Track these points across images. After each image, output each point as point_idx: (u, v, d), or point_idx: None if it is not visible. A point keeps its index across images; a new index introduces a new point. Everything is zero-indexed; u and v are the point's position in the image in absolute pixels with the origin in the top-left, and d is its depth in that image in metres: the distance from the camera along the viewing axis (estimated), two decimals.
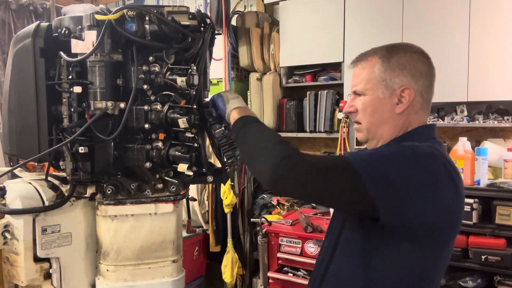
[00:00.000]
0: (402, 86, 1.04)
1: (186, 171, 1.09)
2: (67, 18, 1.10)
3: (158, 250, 1.18)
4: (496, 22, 2.72)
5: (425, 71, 1.06)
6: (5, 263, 1.16)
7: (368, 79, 1.06)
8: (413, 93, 1.04)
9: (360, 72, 1.09)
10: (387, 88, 1.05)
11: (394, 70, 1.04)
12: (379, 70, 1.05)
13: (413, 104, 1.04)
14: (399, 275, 0.97)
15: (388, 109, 1.05)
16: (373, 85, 1.06)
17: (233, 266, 3.15)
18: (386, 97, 1.05)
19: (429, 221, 0.93)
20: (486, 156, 2.63)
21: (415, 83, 1.04)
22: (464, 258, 2.58)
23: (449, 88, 2.87)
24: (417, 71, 1.05)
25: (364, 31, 3.16)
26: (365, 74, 1.07)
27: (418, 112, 1.06)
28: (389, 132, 1.06)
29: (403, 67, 1.04)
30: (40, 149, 1.11)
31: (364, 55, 1.10)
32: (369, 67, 1.07)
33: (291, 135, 3.57)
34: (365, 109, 1.07)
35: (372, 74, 1.06)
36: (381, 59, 1.06)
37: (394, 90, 1.04)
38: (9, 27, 4.21)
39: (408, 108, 1.04)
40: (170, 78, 1.09)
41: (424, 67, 1.06)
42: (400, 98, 1.04)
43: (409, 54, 1.06)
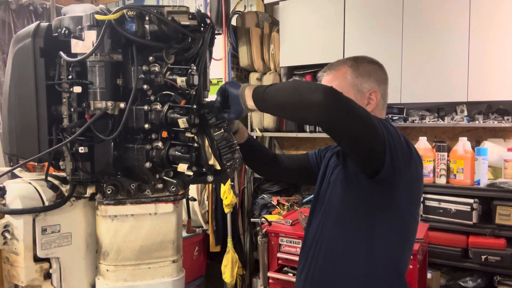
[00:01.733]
0: (370, 90, 1.27)
1: (186, 171, 1.09)
2: (67, 18, 1.10)
3: (158, 250, 1.18)
4: (496, 22, 2.72)
5: (384, 79, 1.31)
6: (5, 263, 1.16)
7: (342, 85, 1.25)
8: (379, 95, 1.28)
9: (333, 79, 1.28)
10: (358, 92, 1.26)
11: (363, 76, 1.26)
12: (350, 77, 1.26)
13: (378, 104, 1.28)
14: (396, 235, 1.21)
15: None
16: (347, 90, 1.24)
17: (233, 266, 3.15)
18: (358, 100, 1.23)
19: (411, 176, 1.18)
20: (486, 156, 2.63)
21: (379, 87, 1.28)
22: (464, 258, 2.59)
23: (449, 88, 2.87)
24: (379, 78, 1.29)
25: (364, 31, 3.17)
26: (338, 81, 1.27)
27: (381, 111, 1.31)
28: None
29: (369, 74, 1.27)
30: (40, 149, 1.11)
31: (334, 65, 1.31)
32: (342, 75, 1.28)
33: (291, 135, 3.57)
34: None
35: (345, 80, 1.27)
36: (351, 68, 1.27)
37: (364, 93, 1.27)
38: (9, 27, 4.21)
39: (375, 108, 1.27)
40: (170, 78, 1.09)
41: (383, 75, 1.31)
42: (368, 100, 1.27)
43: (371, 64, 1.30)
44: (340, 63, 1.30)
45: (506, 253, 2.44)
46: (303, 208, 3.16)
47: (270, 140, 4.00)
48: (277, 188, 3.67)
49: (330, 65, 1.32)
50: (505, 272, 2.48)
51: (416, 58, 2.96)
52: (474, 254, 2.52)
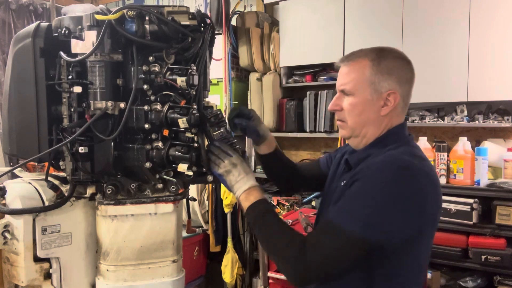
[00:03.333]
0: (388, 90, 1.10)
1: (186, 171, 1.09)
2: (67, 18, 1.10)
3: (158, 250, 1.18)
4: (496, 22, 2.72)
5: (409, 78, 1.14)
6: (5, 263, 1.16)
7: (358, 80, 1.11)
8: (398, 97, 1.11)
9: (349, 72, 1.13)
10: (375, 91, 1.10)
11: (383, 74, 1.10)
12: (369, 73, 1.10)
13: (396, 107, 1.12)
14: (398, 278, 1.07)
15: (374, 111, 1.11)
16: (362, 87, 1.11)
17: (233, 266, 3.15)
18: (374, 100, 1.11)
19: (420, 231, 1.04)
20: (486, 156, 2.63)
21: (400, 88, 1.11)
22: (464, 258, 2.59)
23: (449, 88, 2.87)
24: (402, 77, 1.12)
25: (364, 31, 3.16)
26: (355, 75, 1.12)
27: (399, 114, 1.15)
28: (373, 132, 1.13)
29: (391, 72, 1.11)
30: (40, 149, 1.11)
31: (354, 56, 1.14)
32: (360, 69, 1.12)
33: (291, 135, 3.57)
34: (352, 110, 1.12)
35: (362, 76, 1.11)
36: (371, 62, 1.11)
37: (381, 93, 1.10)
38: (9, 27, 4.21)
39: (392, 111, 1.12)
40: (170, 78, 1.09)
41: (408, 73, 1.14)
42: (385, 101, 1.11)
43: (396, 60, 1.13)
44: (361, 55, 1.14)
45: (506, 253, 2.44)
46: (303, 208, 3.16)
47: None
48: (277, 188, 3.66)
49: (351, 55, 1.16)
50: (505, 272, 2.48)
51: (416, 58, 2.91)
52: (474, 254, 2.52)
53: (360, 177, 1.02)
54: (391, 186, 0.98)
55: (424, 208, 1.00)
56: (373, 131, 1.13)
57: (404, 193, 0.98)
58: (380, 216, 0.97)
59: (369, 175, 1.01)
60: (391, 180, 0.98)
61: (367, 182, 1.00)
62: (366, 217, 0.97)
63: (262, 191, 1.16)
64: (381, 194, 0.98)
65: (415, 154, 1.07)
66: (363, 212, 0.98)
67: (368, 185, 1.00)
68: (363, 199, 0.99)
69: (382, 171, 1.00)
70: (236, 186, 1.13)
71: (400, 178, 0.99)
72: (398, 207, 0.97)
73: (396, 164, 1.01)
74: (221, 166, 1.13)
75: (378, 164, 1.02)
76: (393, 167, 1.00)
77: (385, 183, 0.98)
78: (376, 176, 1.00)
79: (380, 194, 0.98)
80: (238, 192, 1.13)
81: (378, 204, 0.97)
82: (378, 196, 0.98)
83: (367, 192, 0.99)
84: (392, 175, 0.99)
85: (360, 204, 0.99)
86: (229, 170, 1.13)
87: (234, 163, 1.14)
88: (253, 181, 1.15)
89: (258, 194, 1.13)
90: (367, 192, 0.99)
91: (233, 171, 1.13)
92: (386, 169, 1.00)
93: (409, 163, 1.02)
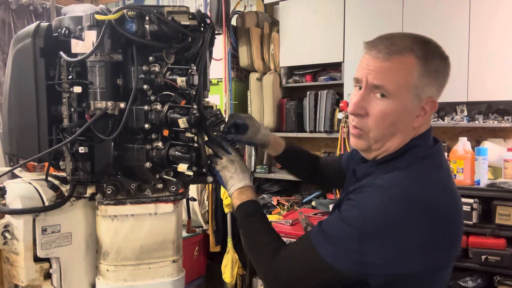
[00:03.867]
0: (429, 98, 0.89)
1: (186, 171, 1.09)
2: (67, 18, 1.10)
3: (158, 250, 1.18)
4: (496, 22, 2.72)
5: (446, 81, 0.93)
6: (5, 263, 1.16)
7: (401, 82, 0.87)
8: (436, 106, 0.92)
9: (389, 68, 0.88)
10: (416, 98, 0.88)
11: (430, 77, 0.88)
12: (417, 74, 0.87)
13: (429, 117, 0.93)
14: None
15: (408, 122, 0.91)
16: (404, 91, 0.88)
17: (233, 266, 3.15)
18: (413, 108, 0.89)
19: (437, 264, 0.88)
20: (486, 156, 2.63)
21: (438, 94, 0.91)
22: (464, 258, 2.58)
23: (449, 88, 2.84)
24: (444, 81, 0.92)
25: (364, 31, 3.16)
26: (399, 75, 0.87)
27: (427, 123, 0.95)
28: (396, 145, 0.93)
29: (437, 75, 0.89)
30: (40, 149, 1.11)
31: (397, 47, 0.88)
32: (406, 68, 0.87)
33: (291, 135, 3.57)
34: (385, 118, 0.89)
35: (409, 77, 0.87)
36: (420, 60, 0.87)
37: (421, 100, 0.89)
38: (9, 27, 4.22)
39: (423, 121, 0.92)
40: (170, 78, 1.09)
41: (447, 77, 0.93)
42: (421, 111, 0.90)
43: (442, 61, 0.91)
44: (406, 47, 0.88)
45: (506, 253, 2.44)
46: (303, 208, 3.16)
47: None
48: (277, 188, 3.67)
49: (390, 43, 0.89)
50: (505, 272, 2.48)
51: None
52: (474, 254, 2.52)
53: (352, 197, 0.88)
54: (377, 217, 0.82)
55: (420, 246, 0.83)
56: (397, 145, 0.92)
57: (390, 227, 0.81)
58: (356, 250, 0.83)
59: (360, 199, 0.87)
60: (379, 211, 0.82)
61: (354, 207, 0.86)
62: (341, 246, 0.85)
63: (255, 192, 1.15)
64: (363, 225, 0.83)
65: (427, 177, 0.87)
66: (339, 240, 0.85)
67: (353, 212, 0.86)
68: (344, 225, 0.85)
69: (373, 199, 0.84)
70: (230, 183, 1.13)
71: (392, 210, 0.82)
72: (377, 242, 0.82)
73: (392, 193, 0.84)
74: (218, 163, 1.14)
75: (374, 189, 0.86)
76: (386, 195, 0.84)
77: (370, 213, 0.83)
78: (365, 203, 0.85)
79: (362, 224, 0.83)
80: (231, 189, 1.13)
81: (356, 236, 0.83)
82: (359, 226, 0.83)
83: (350, 219, 0.85)
84: (383, 205, 0.83)
85: (339, 230, 0.86)
86: (226, 166, 1.13)
87: (232, 160, 1.14)
88: (248, 180, 1.14)
89: (251, 194, 1.12)
90: (349, 218, 0.85)
91: (230, 168, 1.13)
92: (378, 196, 0.84)
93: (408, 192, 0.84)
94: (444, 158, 0.96)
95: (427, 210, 0.83)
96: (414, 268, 0.84)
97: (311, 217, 2.81)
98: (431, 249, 0.84)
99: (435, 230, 0.84)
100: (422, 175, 0.88)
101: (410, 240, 0.82)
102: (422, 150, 0.92)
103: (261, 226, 1.07)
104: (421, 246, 0.83)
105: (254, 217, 1.08)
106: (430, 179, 0.88)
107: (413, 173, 0.87)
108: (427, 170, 0.89)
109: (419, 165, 0.89)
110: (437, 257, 0.87)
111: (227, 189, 1.14)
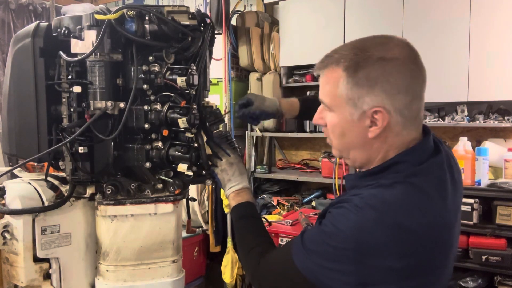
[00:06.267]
0: (373, 107, 0.84)
1: (186, 171, 1.09)
2: (67, 18, 1.10)
3: (158, 250, 1.18)
4: (496, 22, 2.72)
5: (405, 84, 0.84)
6: (4, 263, 1.16)
7: (333, 94, 0.88)
8: (387, 116, 0.84)
9: (324, 83, 0.91)
10: (355, 109, 0.85)
11: (363, 86, 0.84)
12: (344, 87, 0.85)
13: (390, 126, 0.85)
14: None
15: (358, 133, 0.88)
16: (339, 104, 0.87)
17: (233, 266, 3.15)
18: (355, 120, 0.86)
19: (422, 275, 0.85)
20: (486, 156, 2.63)
21: (391, 101, 0.84)
22: (465, 258, 2.58)
23: (450, 88, 2.86)
24: (392, 86, 0.83)
25: (364, 31, 3.15)
26: (329, 87, 0.89)
27: (400, 133, 0.87)
28: (362, 157, 0.91)
29: (374, 82, 0.83)
30: (39, 149, 1.11)
31: (328, 59, 0.90)
32: (333, 81, 0.87)
33: (291, 135, 3.57)
34: (333, 129, 0.91)
35: (337, 90, 0.87)
36: (345, 72, 0.85)
37: (364, 111, 0.85)
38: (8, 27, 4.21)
39: (385, 132, 0.86)
40: (170, 78, 1.09)
41: (403, 78, 0.84)
42: (372, 120, 0.85)
43: (382, 64, 0.83)
44: (333, 60, 0.88)
45: (506, 253, 2.43)
46: (303, 208, 3.16)
47: (270, 140, 4.00)
48: (277, 188, 3.66)
49: (326, 57, 0.91)
50: (506, 272, 2.48)
51: None
52: (474, 254, 2.52)
53: (332, 211, 0.88)
54: (350, 238, 0.81)
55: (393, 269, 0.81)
56: (363, 157, 0.91)
57: (362, 248, 0.80)
58: (328, 267, 0.83)
59: (337, 215, 0.85)
60: (352, 233, 0.81)
61: (331, 224, 0.85)
62: (315, 261, 0.85)
63: (252, 194, 1.17)
64: (338, 243, 0.82)
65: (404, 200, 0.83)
66: (314, 255, 0.86)
67: (330, 228, 0.84)
68: (320, 240, 0.86)
69: (349, 218, 0.83)
70: (228, 184, 1.14)
71: (364, 233, 0.81)
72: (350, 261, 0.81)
73: (368, 215, 0.81)
74: (218, 164, 1.15)
75: (351, 208, 0.84)
76: (361, 217, 0.82)
77: (345, 232, 0.82)
78: (342, 220, 0.83)
79: (336, 243, 0.82)
80: (229, 190, 1.14)
81: (331, 253, 0.83)
82: (333, 244, 0.82)
83: (326, 235, 0.85)
84: (357, 227, 0.81)
85: (316, 245, 0.86)
86: (224, 169, 1.14)
87: (231, 162, 1.15)
88: (246, 183, 1.16)
89: (247, 196, 1.13)
90: (326, 234, 0.85)
91: (228, 170, 1.14)
92: (352, 217, 0.82)
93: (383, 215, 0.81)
94: (439, 172, 0.89)
95: (400, 235, 0.81)
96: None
97: (311, 217, 2.81)
98: (403, 273, 0.82)
99: (407, 256, 0.82)
100: (401, 198, 0.83)
101: (382, 263, 0.80)
102: (408, 167, 0.87)
103: (253, 228, 1.09)
104: (393, 270, 0.81)
105: (247, 219, 1.10)
106: (408, 202, 0.83)
107: (393, 194, 0.83)
108: (408, 191, 0.84)
109: (402, 184, 0.84)
110: (410, 281, 0.84)
111: (225, 191, 1.15)
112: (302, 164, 3.83)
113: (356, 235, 0.81)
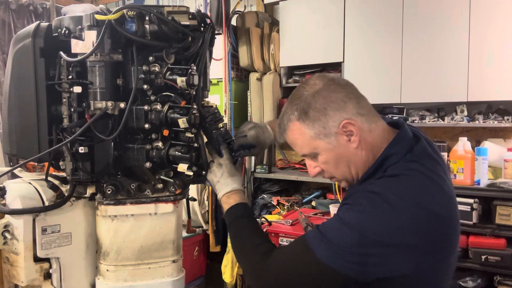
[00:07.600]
0: (339, 124, 0.97)
1: (186, 171, 1.09)
2: (67, 18, 1.10)
3: (158, 250, 1.18)
4: (496, 22, 2.72)
5: (344, 95, 0.99)
6: (5, 263, 1.16)
7: (307, 142, 1.01)
8: (353, 121, 0.97)
9: (294, 140, 1.04)
10: (329, 136, 0.98)
11: (320, 118, 0.98)
12: (308, 130, 0.99)
13: (361, 128, 0.98)
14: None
15: (345, 151, 0.99)
16: (316, 144, 1.00)
17: (233, 266, 3.15)
18: (336, 143, 0.99)
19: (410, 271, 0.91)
20: (486, 156, 2.63)
21: (345, 112, 0.97)
22: (464, 258, 2.58)
23: (449, 88, 2.87)
24: (337, 102, 0.98)
25: (364, 31, 3.17)
26: (300, 140, 1.02)
27: (371, 128, 1.00)
28: (359, 168, 1.01)
29: (324, 109, 0.98)
30: (40, 149, 1.11)
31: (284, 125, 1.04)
32: (298, 133, 1.01)
33: None
34: (329, 166, 1.02)
35: (306, 136, 1.00)
36: (300, 121, 1.00)
37: (336, 132, 0.98)
38: (9, 27, 4.22)
39: (363, 134, 0.99)
40: (170, 78, 1.09)
41: (338, 92, 0.99)
42: (347, 133, 0.98)
43: (316, 96, 0.99)
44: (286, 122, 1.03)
45: (506, 253, 2.43)
46: (303, 208, 3.16)
47: None
48: (277, 188, 3.66)
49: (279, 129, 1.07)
50: (505, 272, 2.48)
51: (416, 58, 2.96)
52: (474, 254, 2.52)
53: (350, 202, 0.95)
54: (364, 221, 0.88)
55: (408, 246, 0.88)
56: (360, 167, 1.01)
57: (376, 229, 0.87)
58: (355, 252, 0.88)
59: (359, 204, 0.92)
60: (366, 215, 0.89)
61: (354, 211, 0.92)
62: (340, 247, 0.89)
63: (244, 195, 1.15)
64: (364, 228, 0.88)
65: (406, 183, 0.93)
66: (338, 241, 0.89)
67: (352, 215, 0.91)
68: (343, 227, 0.90)
69: (363, 202, 0.91)
70: (217, 187, 1.14)
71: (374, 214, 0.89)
72: (378, 245, 0.87)
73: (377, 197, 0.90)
74: (210, 166, 1.15)
75: (372, 196, 0.92)
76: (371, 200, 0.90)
77: (362, 215, 0.90)
78: (366, 208, 0.91)
79: (363, 228, 0.88)
80: (219, 193, 1.14)
81: (356, 238, 0.88)
82: (359, 229, 0.88)
83: (349, 221, 0.90)
84: (370, 208, 0.89)
85: (338, 232, 0.90)
86: (213, 171, 1.14)
87: (220, 163, 1.14)
88: (237, 184, 1.14)
89: (238, 198, 1.12)
90: (349, 221, 0.90)
91: (216, 172, 1.14)
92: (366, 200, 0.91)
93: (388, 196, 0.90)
94: (429, 155, 1.00)
95: (421, 214, 0.89)
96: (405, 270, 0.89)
97: (311, 217, 2.81)
98: (421, 252, 0.89)
99: (422, 231, 0.89)
100: (413, 181, 0.93)
101: (402, 241, 0.88)
102: (400, 157, 0.97)
103: (249, 228, 1.07)
104: (413, 248, 0.88)
105: (242, 220, 1.09)
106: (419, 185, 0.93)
107: (403, 180, 0.93)
108: (417, 175, 0.95)
109: (405, 171, 0.94)
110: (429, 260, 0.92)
111: (217, 194, 1.14)
112: (302, 164, 3.83)
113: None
